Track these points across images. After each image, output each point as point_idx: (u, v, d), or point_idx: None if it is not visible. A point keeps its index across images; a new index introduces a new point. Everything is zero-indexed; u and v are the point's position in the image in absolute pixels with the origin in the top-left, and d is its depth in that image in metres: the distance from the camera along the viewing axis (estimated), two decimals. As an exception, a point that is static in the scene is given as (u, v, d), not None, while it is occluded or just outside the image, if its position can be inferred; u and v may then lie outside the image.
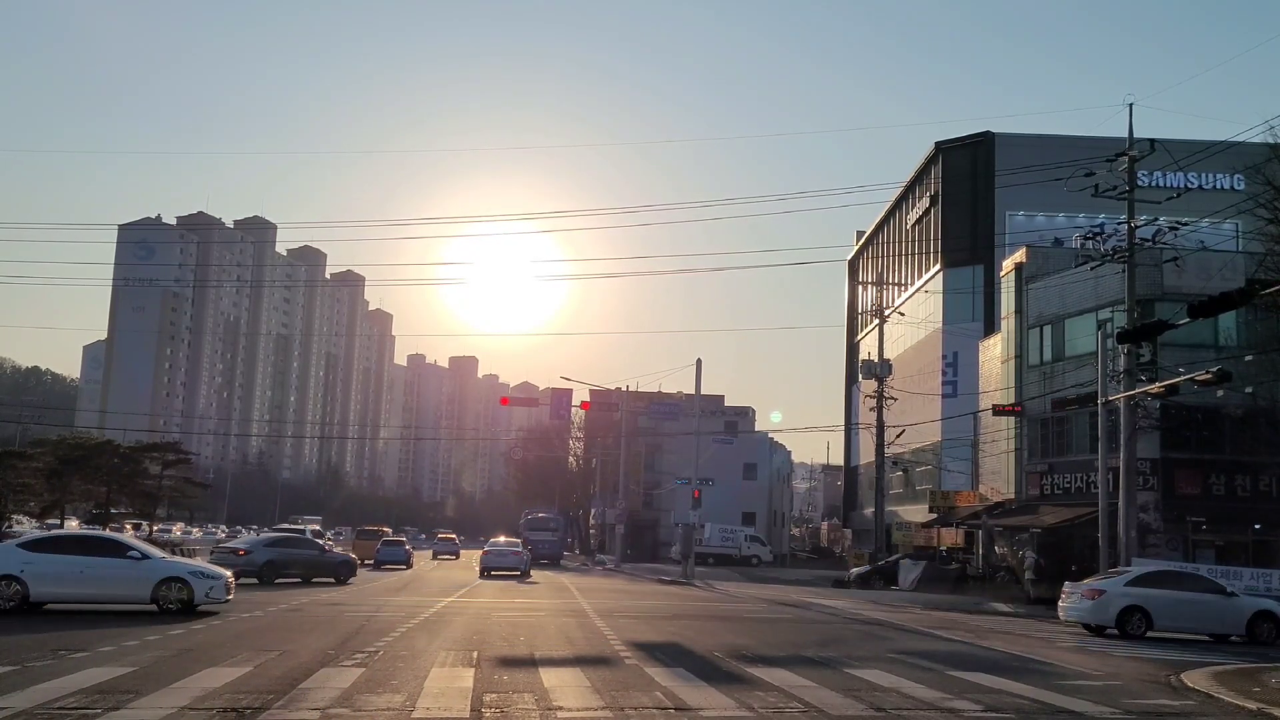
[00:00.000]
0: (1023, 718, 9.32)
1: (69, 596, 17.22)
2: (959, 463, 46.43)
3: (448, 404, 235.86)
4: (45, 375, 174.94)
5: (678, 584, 36.36)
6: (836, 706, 9.37)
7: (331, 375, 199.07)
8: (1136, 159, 27.62)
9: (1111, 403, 26.72)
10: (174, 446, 52.06)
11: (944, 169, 54.12)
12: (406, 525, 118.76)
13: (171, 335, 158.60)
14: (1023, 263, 36.87)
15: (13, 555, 17.11)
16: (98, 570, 17.12)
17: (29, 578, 16.74)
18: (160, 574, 17.38)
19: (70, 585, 17.04)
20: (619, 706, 8.97)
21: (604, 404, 59.18)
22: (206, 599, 17.52)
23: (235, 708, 8.30)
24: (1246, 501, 31.25)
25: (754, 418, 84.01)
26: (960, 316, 50.93)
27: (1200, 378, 19.17)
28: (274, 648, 12.45)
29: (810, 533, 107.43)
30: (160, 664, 10.74)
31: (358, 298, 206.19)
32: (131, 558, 17.48)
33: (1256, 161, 30.85)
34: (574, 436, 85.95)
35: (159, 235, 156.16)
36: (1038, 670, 13.22)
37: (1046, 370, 34.99)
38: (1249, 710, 10.33)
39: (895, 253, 62.68)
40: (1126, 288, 27.93)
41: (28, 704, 8.15)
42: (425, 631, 15.29)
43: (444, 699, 9.14)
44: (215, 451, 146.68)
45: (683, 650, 13.79)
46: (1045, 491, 34.58)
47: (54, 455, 40.95)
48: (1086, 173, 27.95)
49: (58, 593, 17.07)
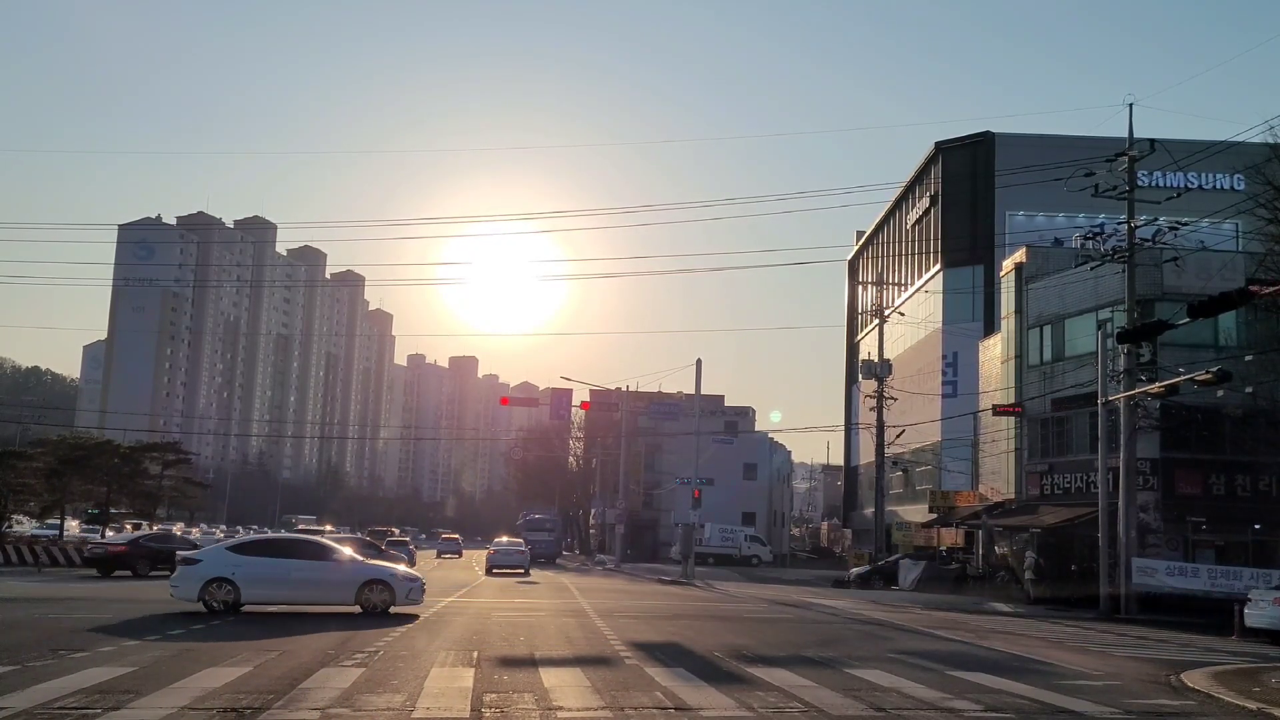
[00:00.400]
0: (1023, 718, 9.32)
1: (277, 598, 17.61)
2: (959, 463, 46.41)
3: (448, 404, 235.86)
4: (45, 375, 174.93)
5: (678, 584, 36.37)
6: (837, 706, 9.37)
7: (331, 375, 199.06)
8: (1136, 159, 27.62)
9: (1111, 403, 26.72)
10: (174, 446, 52.13)
11: (944, 169, 54.11)
12: (407, 525, 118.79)
13: (171, 335, 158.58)
14: (1023, 263, 36.86)
15: (224, 558, 17.45)
16: (305, 573, 17.50)
17: (240, 580, 17.10)
18: (364, 576, 17.81)
19: (278, 588, 17.46)
20: (619, 706, 8.97)
21: (604, 404, 59.22)
22: (407, 600, 17.89)
23: (235, 708, 8.30)
24: (1246, 501, 31.22)
25: (754, 418, 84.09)
26: (960, 316, 50.92)
27: (1200, 378, 19.17)
28: (274, 648, 12.45)
29: (810, 533, 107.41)
30: (160, 664, 10.74)
31: (358, 298, 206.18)
32: (335, 560, 17.91)
33: (1256, 161, 30.83)
34: (574, 436, 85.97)
35: (159, 235, 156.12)
36: (1038, 670, 13.22)
37: (1046, 370, 34.98)
38: (1249, 710, 10.33)
39: (895, 253, 62.67)
40: (1126, 288, 27.92)
41: (28, 704, 8.15)
42: (425, 631, 15.29)
43: (444, 699, 9.14)
44: (215, 451, 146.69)
45: (683, 650, 13.79)
46: (1045, 491, 34.57)
47: (54, 455, 40.97)
48: (1086, 173, 27.94)
49: (267, 595, 17.48)
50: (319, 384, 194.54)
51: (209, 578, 17.09)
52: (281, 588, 17.42)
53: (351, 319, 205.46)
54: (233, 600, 16.95)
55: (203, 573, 17.22)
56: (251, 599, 17.18)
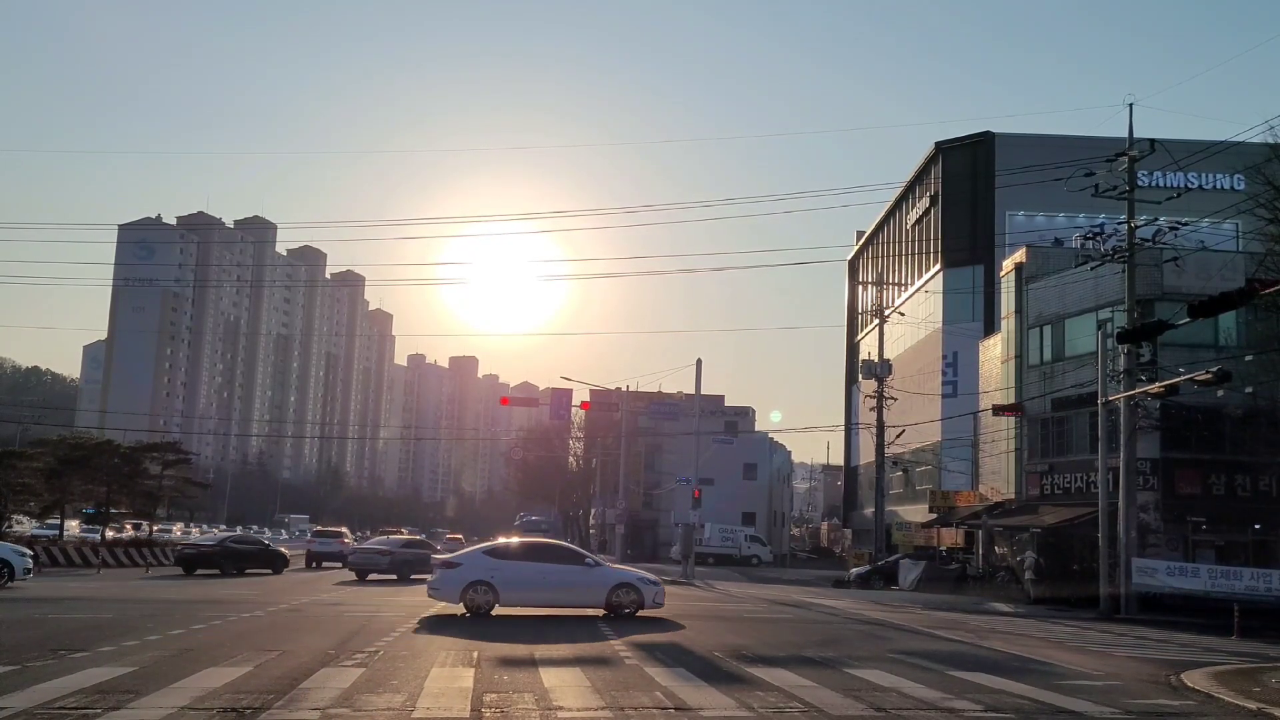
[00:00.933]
0: (1023, 718, 9.32)
1: (533, 602, 18.19)
2: (959, 463, 46.42)
3: (448, 404, 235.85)
4: (45, 375, 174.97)
5: (678, 584, 36.30)
6: (837, 706, 9.36)
7: (331, 375, 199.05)
8: (1136, 159, 27.60)
9: (1111, 403, 26.71)
10: (174, 446, 52.02)
11: (944, 169, 54.11)
12: (407, 526, 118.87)
13: (171, 335, 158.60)
14: (1023, 263, 36.85)
15: (483, 561, 18.10)
16: (559, 577, 18.15)
17: (498, 584, 17.65)
18: (615, 580, 18.57)
19: (535, 591, 18.04)
20: (619, 706, 8.97)
21: (604, 404, 59.16)
22: (653, 604, 18.53)
23: (235, 708, 8.30)
24: (1246, 501, 31.21)
25: (754, 418, 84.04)
26: (960, 316, 50.92)
27: (1200, 378, 19.16)
28: (274, 648, 12.44)
29: (810, 533, 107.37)
30: (160, 664, 10.74)
31: (358, 298, 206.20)
32: (587, 565, 18.64)
33: (1256, 161, 30.80)
34: (574, 436, 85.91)
35: (159, 235, 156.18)
36: (1038, 670, 13.22)
37: (1046, 370, 34.97)
38: (1249, 710, 10.33)
39: (895, 253, 62.67)
40: (1126, 288, 27.91)
41: (28, 704, 8.14)
42: (425, 631, 15.28)
43: (444, 699, 9.14)
44: (215, 451, 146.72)
45: (683, 650, 13.79)
46: (1045, 491, 34.56)
47: (54, 455, 40.91)
48: (1086, 173, 27.93)
49: (523, 598, 18.05)
50: (319, 384, 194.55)
51: (470, 580, 17.78)
52: (539, 591, 18.07)
53: (351, 319, 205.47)
54: (491, 603, 17.58)
55: (464, 576, 17.91)
56: (509, 602, 17.87)
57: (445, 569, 18.30)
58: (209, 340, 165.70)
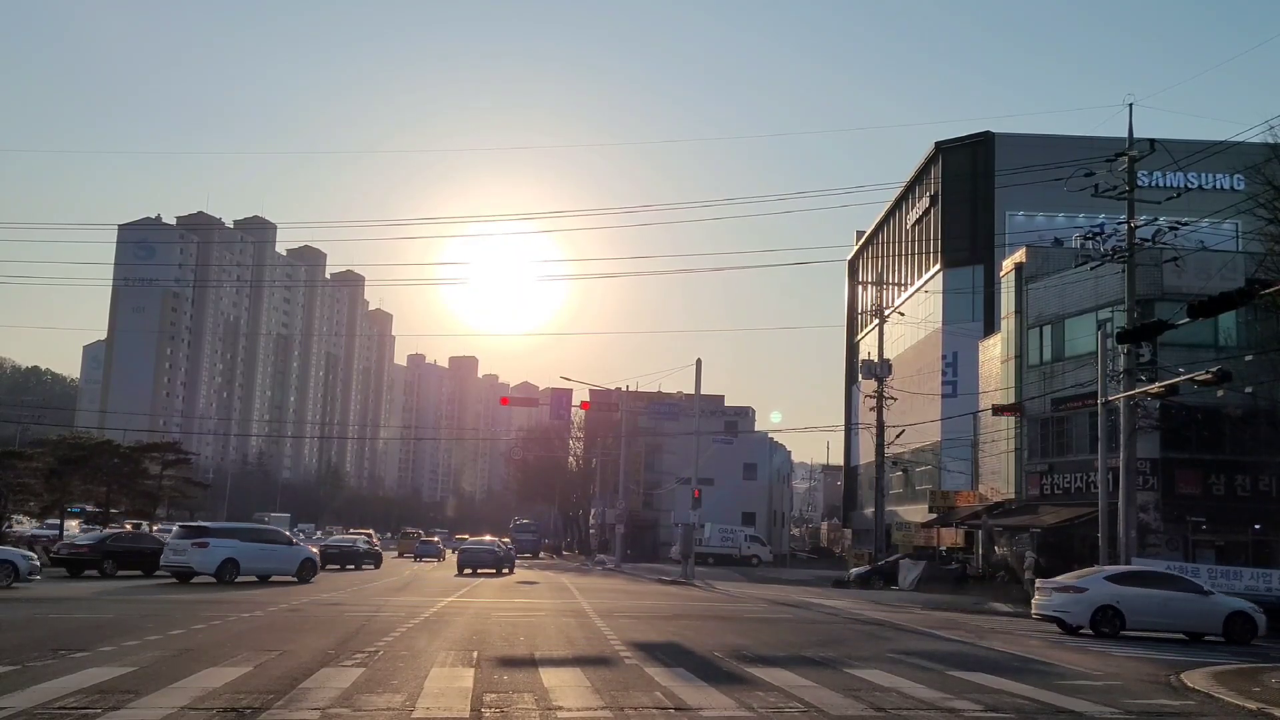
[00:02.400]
0: (1023, 718, 9.31)
1: (1154, 626, 20.13)
2: (959, 463, 46.42)
3: (448, 404, 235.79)
4: (45, 375, 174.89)
5: (678, 584, 36.35)
6: (836, 706, 9.36)
7: (331, 375, 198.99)
8: (1136, 159, 27.59)
9: (1111, 403, 26.70)
10: (174, 446, 52.10)
11: (944, 169, 54.10)
12: (406, 525, 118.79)
13: (171, 335, 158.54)
14: (1022, 263, 36.86)
15: (1106, 587, 20.07)
16: (1177, 605, 20.11)
17: (1125, 608, 19.80)
18: (1226, 608, 20.39)
19: (1155, 616, 20.08)
20: (619, 706, 8.97)
21: (604, 404, 59.22)
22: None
23: (235, 708, 8.29)
24: (1246, 501, 31.23)
25: (754, 418, 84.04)
26: (960, 316, 50.92)
27: (1200, 378, 19.16)
28: (274, 648, 12.44)
29: (810, 533, 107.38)
30: (160, 664, 10.73)
31: (358, 298, 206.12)
32: (1204, 593, 20.57)
33: (1256, 161, 30.83)
34: (574, 436, 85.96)
35: (159, 235, 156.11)
36: (1038, 670, 13.22)
37: (1046, 370, 34.98)
38: (1249, 710, 10.33)
39: (895, 253, 62.66)
40: (1126, 288, 27.90)
41: (28, 704, 8.13)
42: (425, 631, 15.27)
43: (444, 699, 9.13)
44: (215, 451, 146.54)
45: (683, 650, 13.79)
46: (1045, 491, 34.56)
47: (54, 455, 40.97)
48: (1086, 173, 27.91)
49: (1147, 622, 19.98)
50: (319, 384, 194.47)
51: (1098, 604, 19.84)
52: (1157, 616, 20.06)
53: (351, 319, 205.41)
54: (1119, 625, 19.60)
55: (1092, 599, 19.93)
56: (1135, 625, 19.76)
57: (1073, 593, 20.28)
58: (209, 340, 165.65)
